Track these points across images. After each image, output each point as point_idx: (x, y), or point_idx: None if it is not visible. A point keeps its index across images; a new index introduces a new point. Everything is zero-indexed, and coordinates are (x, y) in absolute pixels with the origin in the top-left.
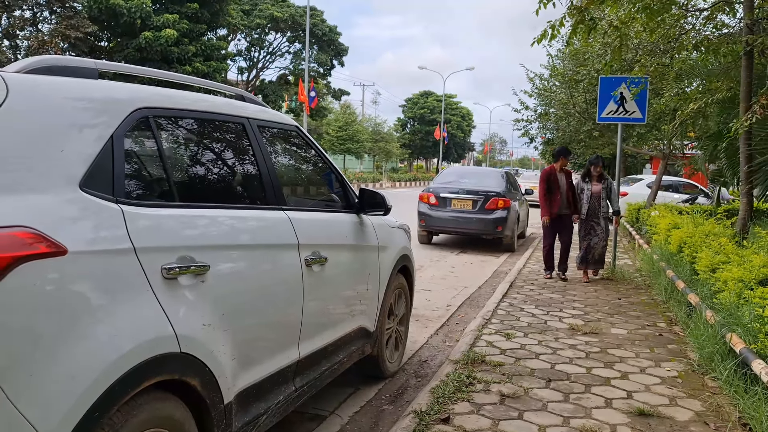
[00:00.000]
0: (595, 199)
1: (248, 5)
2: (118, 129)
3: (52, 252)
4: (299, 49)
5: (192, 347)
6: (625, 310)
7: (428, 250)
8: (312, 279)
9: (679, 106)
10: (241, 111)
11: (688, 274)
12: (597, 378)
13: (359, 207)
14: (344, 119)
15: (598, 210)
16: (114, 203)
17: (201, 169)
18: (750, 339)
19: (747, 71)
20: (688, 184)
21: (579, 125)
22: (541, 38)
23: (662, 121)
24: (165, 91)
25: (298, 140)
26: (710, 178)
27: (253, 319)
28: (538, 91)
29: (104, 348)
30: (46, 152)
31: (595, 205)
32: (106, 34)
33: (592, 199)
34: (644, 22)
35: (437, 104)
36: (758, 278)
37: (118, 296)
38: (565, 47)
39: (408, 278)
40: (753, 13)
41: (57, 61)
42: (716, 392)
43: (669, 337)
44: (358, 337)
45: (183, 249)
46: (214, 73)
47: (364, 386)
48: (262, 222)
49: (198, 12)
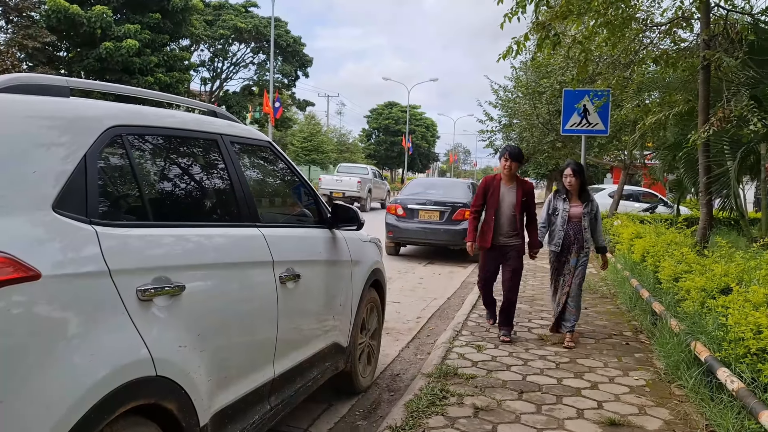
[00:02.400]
0: (573, 225)
1: (211, 16)
2: (91, 148)
3: (26, 276)
4: (263, 60)
5: (168, 370)
6: (592, 319)
7: (396, 262)
8: (286, 296)
9: (640, 118)
10: (214, 127)
11: (652, 283)
12: (568, 388)
13: (332, 222)
14: (309, 130)
15: (577, 243)
16: (88, 224)
17: (175, 187)
18: (714, 347)
19: (704, 85)
20: (648, 193)
21: (542, 136)
22: (506, 54)
23: (623, 132)
24: (138, 109)
25: (271, 156)
26: (669, 187)
27: (228, 339)
28: (502, 102)
29: (79, 375)
30: (17, 173)
31: (573, 234)
32: (64, 44)
33: (569, 226)
34: (606, 37)
35: (402, 115)
36: (720, 287)
37: (93, 320)
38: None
39: (380, 292)
40: (709, 30)
41: (28, 79)
42: (683, 400)
43: (635, 346)
44: (332, 353)
45: (158, 270)
46: (177, 83)
47: (337, 402)
48: (236, 240)
49: (160, 22)
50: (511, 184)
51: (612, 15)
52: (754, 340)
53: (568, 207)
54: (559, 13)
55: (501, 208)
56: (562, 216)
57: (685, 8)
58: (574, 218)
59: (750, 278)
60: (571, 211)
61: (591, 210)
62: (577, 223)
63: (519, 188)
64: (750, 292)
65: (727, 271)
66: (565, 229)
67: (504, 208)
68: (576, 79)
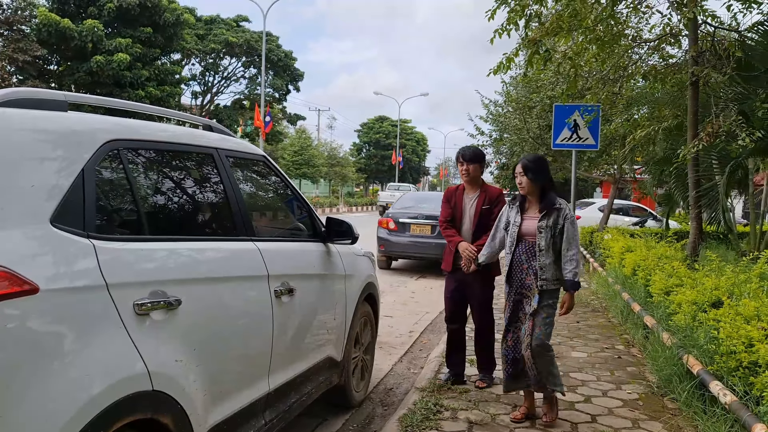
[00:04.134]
0: (525, 246)
1: (203, 30)
2: (88, 162)
3: (24, 290)
4: (254, 74)
5: (164, 384)
6: (584, 333)
7: (388, 276)
8: (281, 310)
9: (629, 132)
10: (210, 141)
11: (643, 297)
12: (561, 402)
13: (326, 236)
14: (300, 144)
15: (532, 273)
16: (85, 238)
17: (171, 201)
18: (706, 360)
19: (693, 101)
20: (638, 207)
21: (533, 150)
22: (497, 70)
23: (612, 147)
24: (135, 123)
25: (266, 170)
26: (658, 201)
27: (224, 353)
28: (493, 116)
29: (77, 389)
30: (15, 187)
31: (526, 259)
32: (55, 57)
33: (521, 247)
34: (595, 53)
35: (392, 129)
36: (711, 300)
37: (90, 335)
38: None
39: (373, 306)
40: (698, 46)
41: (26, 93)
42: (676, 414)
43: (628, 360)
44: (326, 367)
45: (155, 284)
46: (168, 97)
47: (331, 417)
48: (232, 254)
49: (152, 36)
50: (474, 192)
51: (602, 31)
52: (746, 353)
53: (520, 220)
54: (550, 30)
55: (463, 221)
56: (512, 233)
57: (673, 25)
58: (528, 236)
59: (740, 292)
60: (523, 225)
61: (553, 222)
62: (529, 244)
63: (482, 195)
64: (741, 305)
65: (718, 284)
66: (514, 251)
67: (465, 221)
68: (565, 93)
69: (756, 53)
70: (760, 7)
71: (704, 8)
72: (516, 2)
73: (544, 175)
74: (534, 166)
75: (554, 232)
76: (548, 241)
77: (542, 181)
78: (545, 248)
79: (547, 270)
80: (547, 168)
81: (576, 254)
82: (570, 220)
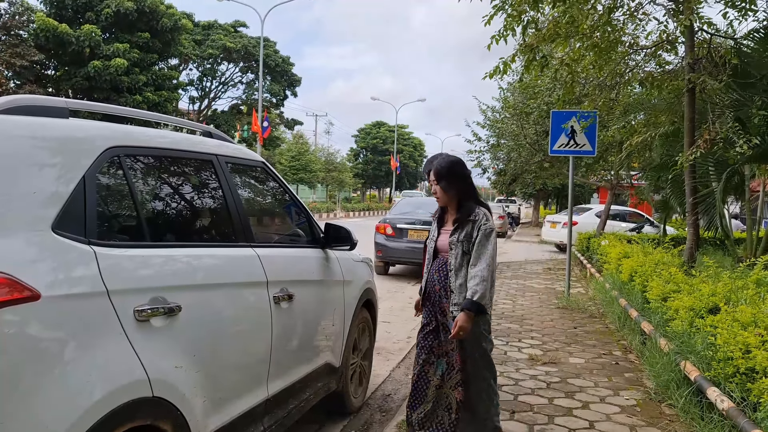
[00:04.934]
0: (438, 264)
1: (200, 35)
2: (89, 169)
3: (25, 297)
4: (252, 80)
5: (164, 391)
6: (582, 339)
7: (385, 281)
8: (280, 316)
9: (626, 139)
10: (209, 148)
11: (640, 303)
12: (559, 408)
13: (324, 242)
14: (297, 149)
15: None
16: (86, 245)
17: (171, 207)
18: (704, 366)
19: (690, 107)
20: (635, 213)
21: (530, 156)
22: (493, 74)
23: (609, 153)
24: (135, 130)
25: (265, 176)
26: (655, 207)
27: (223, 359)
28: (490, 122)
29: (77, 396)
30: (17, 194)
31: (438, 279)
32: (52, 62)
33: (435, 265)
34: (592, 59)
35: (389, 134)
36: (708, 306)
37: (90, 341)
38: (516, 82)
39: (371, 312)
40: (694, 53)
41: (28, 100)
42: (673, 420)
43: (625, 366)
44: (324, 373)
45: (155, 290)
46: (165, 102)
47: (329, 423)
48: (231, 260)
49: (149, 41)
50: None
51: (598, 38)
52: (743, 360)
53: (437, 234)
54: (547, 36)
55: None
56: (429, 249)
57: (669, 32)
58: (443, 252)
59: (737, 298)
60: (438, 240)
61: (466, 236)
62: (442, 263)
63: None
64: (738, 311)
65: (715, 290)
66: (429, 269)
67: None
68: (562, 99)
69: (752, 60)
70: (755, 14)
71: (700, 16)
72: (513, 8)
73: (461, 182)
74: (447, 172)
75: (467, 248)
76: (459, 259)
77: (459, 188)
78: (456, 267)
79: (459, 292)
80: (464, 173)
81: (483, 271)
82: (485, 231)
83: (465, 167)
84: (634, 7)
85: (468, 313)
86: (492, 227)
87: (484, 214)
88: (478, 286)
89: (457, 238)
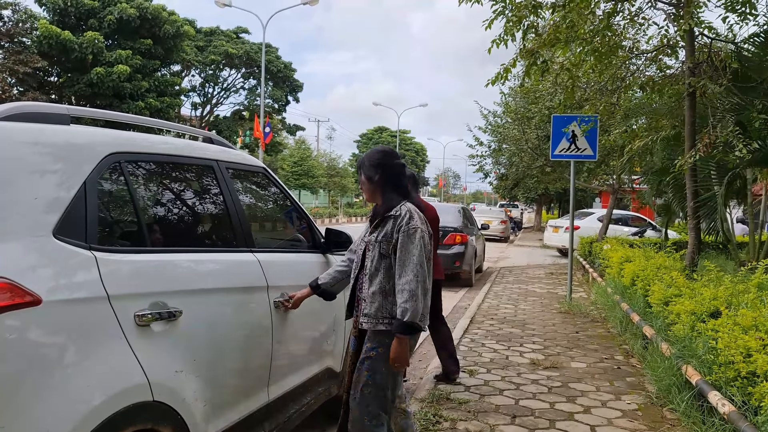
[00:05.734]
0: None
1: (203, 41)
2: (90, 175)
3: (26, 302)
4: (254, 85)
5: (164, 395)
6: (583, 343)
7: None
8: (280, 321)
9: (627, 143)
10: (210, 153)
11: (642, 307)
12: (561, 413)
13: (325, 247)
14: (299, 154)
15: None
16: (87, 250)
17: (172, 213)
18: (705, 371)
19: (690, 111)
20: (637, 217)
21: (531, 161)
22: (495, 80)
23: (611, 157)
24: (136, 136)
25: (265, 181)
26: (657, 211)
27: (224, 364)
28: (491, 127)
29: (78, 400)
30: (19, 200)
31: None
32: (56, 69)
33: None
34: (593, 64)
35: (391, 140)
36: (709, 311)
37: (91, 346)
38: (518, 86)
39: None
40: (694, 57)
41: (30, 107)
42: (675, 424)
43: (627, 370)
44: (325, 378)
45: (155, 295)
46: (168, 108)
47: (330, 428)
48: (232, 265)
49: (151, 48)
50: None
51: (599, 43)
52: (744, 364)
53: (366, 236)
54: (547, 41)
55: None
56: (357, 253)
57: (670, 36)
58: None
59: (739, 302)
60: (367, 241)
61: (385, 236)
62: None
63: None
64: (739, 315)
65: (716, 294)
66: (356, 276)
67: None
68: (563, 104)
69: (752, 64)
70: (755, 19)
71: (701, 20)
72: (513, 13)
73: (386, 173)
74: (368, 161)
75: (385, 250)
76: (375, 262)
77: (384, 180)
78: (371, 271)
79: (372, 301)
80: (387, 162)
81: (411, 283)
82: (406, 231)
83: (391, 156)
84: (634, 12)
85: (400, 338)
86: (416, 227)
87: (407, 211)
88: (407, 303)
89: (375, 238)
